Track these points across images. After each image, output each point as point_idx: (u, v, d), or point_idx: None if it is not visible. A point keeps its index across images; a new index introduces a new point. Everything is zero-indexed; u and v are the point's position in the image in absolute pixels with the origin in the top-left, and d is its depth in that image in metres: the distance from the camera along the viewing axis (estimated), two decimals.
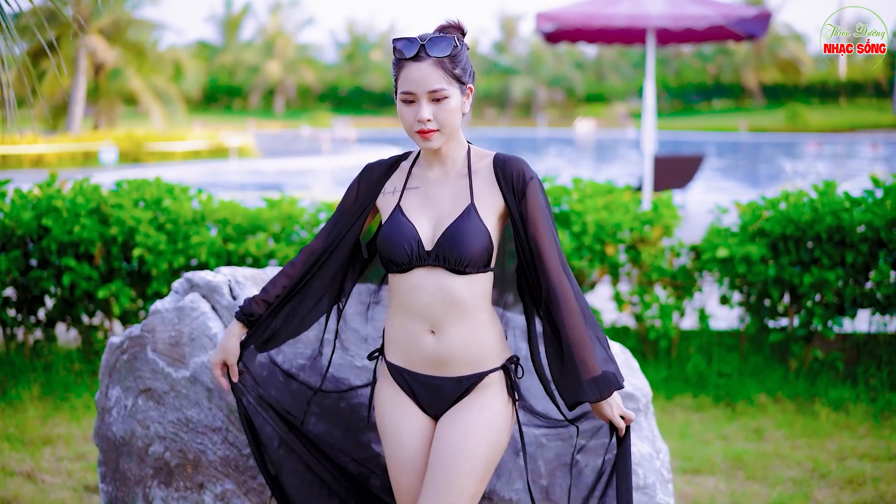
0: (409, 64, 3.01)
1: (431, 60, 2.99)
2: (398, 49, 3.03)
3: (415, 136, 3.06)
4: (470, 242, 3.02)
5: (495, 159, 3.14)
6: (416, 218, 3.10)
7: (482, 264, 3.05)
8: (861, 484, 5.43)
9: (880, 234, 6.83)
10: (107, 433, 4.15)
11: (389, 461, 3.14)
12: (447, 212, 3.09)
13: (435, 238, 3.07)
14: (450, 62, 3.01)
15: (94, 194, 7.30)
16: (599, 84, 74.57)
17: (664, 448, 3.98)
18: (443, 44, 3.01)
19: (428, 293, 3.05)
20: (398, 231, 3.07)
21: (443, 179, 3.15)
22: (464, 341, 3.07)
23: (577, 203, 7.46)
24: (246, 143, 35.58)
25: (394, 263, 3.08)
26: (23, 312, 7.42)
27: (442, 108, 3.02)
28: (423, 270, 3.06)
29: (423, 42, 3.00)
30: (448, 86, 3.01)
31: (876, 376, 7.01)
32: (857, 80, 65.41)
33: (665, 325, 7.37)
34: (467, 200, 3.09)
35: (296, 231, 7.48)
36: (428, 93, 3.00)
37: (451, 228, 3.04)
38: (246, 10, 76.28)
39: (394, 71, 3.07)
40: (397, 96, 3.07)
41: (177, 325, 3.92)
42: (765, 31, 14.79)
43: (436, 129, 3.03)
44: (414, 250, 3.05)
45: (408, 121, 3.04)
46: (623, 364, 4.02)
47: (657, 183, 14.98)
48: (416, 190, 3.16)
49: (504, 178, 3.09)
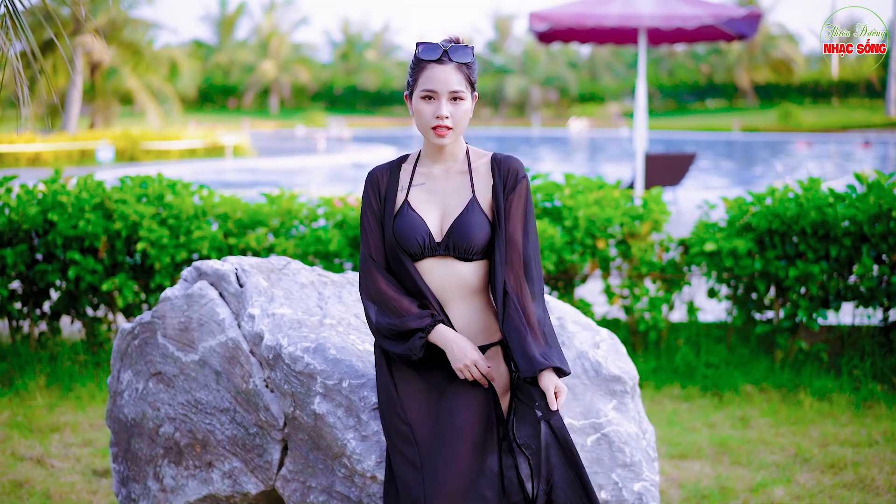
0: (432, 65, 3.33)
1: (454, 65, 3.33)
2: (422, 51, 3.34)
3: (429, 133, 3.36)
4: (475, 232, 3.34)
5: (493, 158, 3.47)
6: (424, 211, 3.40)
7: (485, 251, 3.37)
8: (842, 468, 5.64)
9: (863, 229, 7.03)
10: (118, 415, 4.35)
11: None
12: (452, 205, 3.40)
13: (443, 229, 3.39)
14: (467, 69, 3.35)
15: (98, 190, 7.50)
16: (593, 84, 74.74)
17: (650, 429, 4.17)
18: (464, 51, 3.35)
19: (440, 277, 3.38)
20: (410, 225, 3.37)
21: (446, 175, 3.45)
22: (470, 318, 3.40)
23: (568, 199, 7.66)
24: (241, 142, 35.73)
25: (407, 254, 3.38)
26: (28, 305, 7.61)
27: (458, 108, 3.34)
28: (434, 258, 3.38)
29: (446, 48, 3.33)
30: (465, 89, 3.35)
31: (859, 367, 7.21)
32: (850, 80, 65.64)
33: (654, 317, 7.56)
34: (469, 194, 3.40)
35: (294, 226, 7.67)
36: (449, 92, 3.32)
37: (458, 221, 3.35)
38: (241, 9, 76.34)
39: (412, 71, 3.38)
40: (415, 94, 3.36)
41: (186, 311, 4.11)
42: (755, 31, 15.01)
43: (451, 127, 3.33)
44: (426, 242, 3.36)
45: (425, 116, 3.34)
46: (610, 348, 4.21)
47: (649, 181, 15.16)
48: (422, 186, 3.45)
49: (500, 173, 3.41)
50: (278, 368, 3.78)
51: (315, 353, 3.73)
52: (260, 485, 3.94)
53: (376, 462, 3.58)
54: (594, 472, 3.83)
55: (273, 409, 3.83)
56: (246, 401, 3.91)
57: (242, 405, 3.93)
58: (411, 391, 3.37)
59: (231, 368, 3.95)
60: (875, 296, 7.17)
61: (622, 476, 3.87)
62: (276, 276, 4.24)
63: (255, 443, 3.92)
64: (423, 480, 3.20)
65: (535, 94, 70.06)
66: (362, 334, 4.00)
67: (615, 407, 4.02)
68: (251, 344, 3.92)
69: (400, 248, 3.39)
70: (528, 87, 69.93)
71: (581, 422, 3.88)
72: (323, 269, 4.51)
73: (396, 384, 3.38)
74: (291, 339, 3.79)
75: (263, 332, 3.85)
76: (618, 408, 4.02)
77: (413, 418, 3.32)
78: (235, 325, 3.99)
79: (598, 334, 4.25)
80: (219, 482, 4.03)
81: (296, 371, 3.72)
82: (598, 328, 4.30)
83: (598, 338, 4.22)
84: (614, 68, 76.05)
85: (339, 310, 4.14)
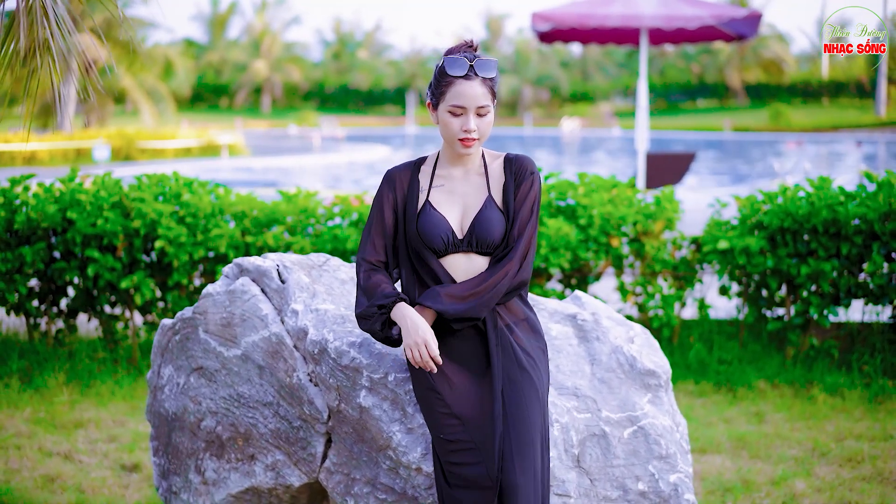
0: (460, 81, 3.47)
1: (480, 79, 3.47)
2: (450, 66, 3.47)
3: (456, 144, 3.53)
4: (494, 229, 3.54)
5: (506, 157, 3.67)
6: (445, 211, 3.57)
7: (501, 245, 3.55)
8: (860, 462, 5.74)
9: (874, 227, 7.13)
10: (159, 409, 4.42)
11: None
12: (471, 204, 3.58)
13: (463, 227, 3.57)
14: (491, 81, 3.51)
15: (116, 188, 7.56)
16: (584, 83, 74.89)
17: (682, 422, 4.26)
18: (489, 65, 3.50)
19: (462, 271, 3.55)
20: (433, 223, 3.54)
21: (465, 177, 3.63)
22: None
23: (583, 197, 7.74)
24: (236, 141, 35.77)
25: (432, 251, 3.54)
26: (46, 303, 7.67)
27: (483, 120, 3.51)
28: (457, 254, 3.56)
29: (472, 62, 3.46)
30: (490, 102, 3.50)
31: (869, 363, 7.31)
32: (840, 80, 65.91)
33: (667, 314, 7.65)
34: (486, 193, 3.59)
35: (311, 224, 7.73)
36: (476, 108, 3.47)
37: (479, 218, 3.54)
38: (232, 8, 76.29)
39: (438, 83, 3.52)
40: (441, 106, 3.51)
41: (228, 307, 4.18)
42: (755, 32, 15.12)
43: (477, 139, 3.50)
44: (449, 239, 3.54)
45: (454, 130, 3.50)
46: (644, 343, 4.29)
47: (649, 180, 15.25)
48: (441, 187, 3.62)
49: (512, 170, 3.61)
50: (324, 363, 3.85)
51: (360, 348, 3.81)
52: (303, 477, 4.01)
53: (422, 454, 3.65)
54: (631, 464, 3.91)
55: (317, 403, 3.90)
56: (289, 394, 3.98)
57: (286, 399, 4.00)
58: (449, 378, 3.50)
59: (274, 363, 4.02)
60: (885, 293, 7.27)
61: (658, 468, 3.94)
62: (317, 272, 4.32)
63: (298, 436, 3.99)
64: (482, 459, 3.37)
65: (527, 93, 70.16)
66: None
67: (650, 400, 4.09)
68: (295, 339, 3.99)
69: (424, 245, 3.54)
70: (519, 87, 70.01)
71: (618, 415, 3.96)
72: None
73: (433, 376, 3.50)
74: (337, 333, 3.87)
75: (308, 328, 3.93)
76: (652, 401, 4.10)
77: (452, 401, 3.46)
78: (278, 320, 4.06)
79: (632, 329, 4.33)
80: (261, 475, 4.11)
81: (342, 365, 3.79)
82: (632, 324, 4.37)
83: (631, 333, 4.30)
84: (606, 68, 76.26)
85: None
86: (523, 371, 3.50)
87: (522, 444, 3.39)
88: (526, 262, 3.56)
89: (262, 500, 4.19)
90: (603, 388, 4.03)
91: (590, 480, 3.85)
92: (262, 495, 4.16)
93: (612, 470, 3.89)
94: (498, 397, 3.43)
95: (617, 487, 3.88)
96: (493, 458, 3.36)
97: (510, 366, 3.50)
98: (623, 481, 3.89)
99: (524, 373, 3.50)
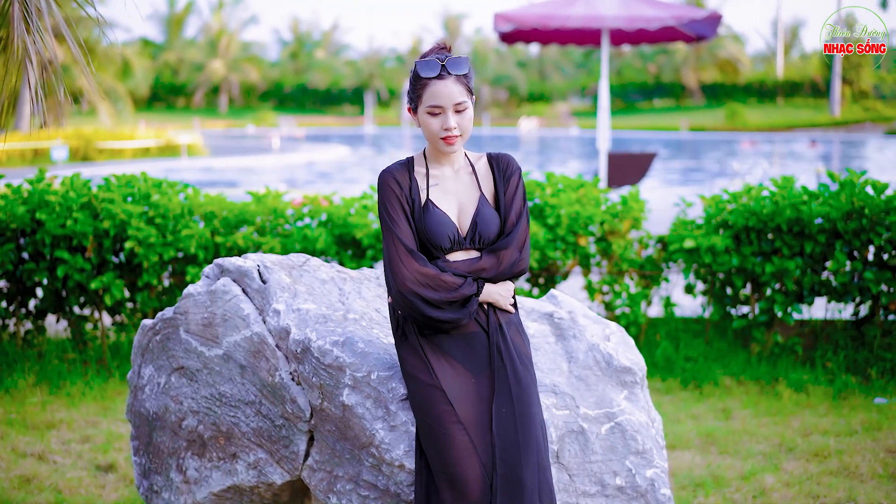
0: (434, 82, 3.56)
1: (453, 77, 3.55)
2: (422, 69, 3.55)
3: (439, 143, 3.61)
4: (492, 225, 3.64)
5: (489, 157, 3.77)
6: (446, 209, 3.65)
7: (496, 240, 3.66)
8: (826, 456, 5.85)
9: (836, 226, 7.27)
10: (140, 409, 4.44)
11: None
12: (466, 202, 3.67)
13: (462, 224, 3.64)
14: (465, 78, 3.58)
15: (85, 189, 7.54)
16: (542, 83, 75.20)
17: (658, 418, 4.33)
18: (461, 63, 3.58)
19: (465, 266, 3.61)
20: (438, 222, 3.61)
21: (455, 176, 3.72)
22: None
23: (551, 197, 7.82)
24: (195, 142, 35.61)
25: (438, 249, 3.62)
26: (14, 304, 7.64)
27: (463, 117, 3.59)
28: (460, 251, 3.65)
29: (443, 62, 3.54)
30: (467, 98, 3.57)
31: (833, 360, 7.44)
32: (795, 80, 66.62)
33: (634, 312, 7.75)
34: (478, 191, 3.69)
35: (280, 224, 7.76)
36: (453, 105, 3.55)
37: (478, 216, 3.63)
38: (189, 7, 75.92)
39: (414, 87, 3.60)
40: (420, 109, 3.59)
41: (209, 307, 4.22)
42: (715, 33, 15.30)
43: (459, 136, 3.57)
44: (455, 238, 3.62)
45: (434, 130, 3.58)
46: (620, 341, 4.36)
47: (611, 179, 15.40)
48: (437, 186, 3.69)
49: (498, 168, 3.72)
50: (307, 361, 3.89)
51: (344, 347, 3.85)
52: (286, 475, 4.05)
53: (404, 451, 3.70)
54: (609, 460, 3.98)
55: (300, 401, 3.94)
56: (272, 393, 4.02)
57: (268, 398, 4.04)
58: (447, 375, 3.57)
59: (256, 362, 4.05)
60: (848, 290, 7.41)
61: (635, 463, 4.02)
62: (298, 272, 4.35)
63: (280, 434, 4.03)
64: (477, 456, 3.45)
65: (485, 93, 70.38)
66: (384, 329, 4.12)
67: (626, 397, 4.17)
68: (277, 338, 4.02)
69: (429, 244, 3.61)
70: (477, 87, 70.11)
71: (596, 411, 4.02)
72: (340, 266, 4.63)
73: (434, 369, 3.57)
74: (319, 333, 3.91)
75: (290, 327, 3.97)
76: (629, 398, 4.18)
77: (453, 398, 3.53)
78: (260, 320, 4.09)
79: (608, 327, 4.40)
80: (243, 473, 4.14)
81: (325, 364, 3.83)
82: (608, 322, 4.45)
83: (608, 331, 4.37)
84: (563, 68, 76.63)
85: (361, 304, 4.27)
86: (525, 368, 3.61)
87: (526, 440, 3.47)
88: (524, 251, 3.67)
89: (244, 499, 4.22)
90: (580, 386, 4.10)
91: (569, 476, 3.92)
92: (244, 493, 4.19)
93: (590, 465, 3.96)
94: (501, 394, 3.52)
95: (595, 483, 3.95)
96: (488, 457, 3.44)
97: (512, 363, 3.58)
98: (601, 476, 3.96)
99: (525, 370, 3.61)
